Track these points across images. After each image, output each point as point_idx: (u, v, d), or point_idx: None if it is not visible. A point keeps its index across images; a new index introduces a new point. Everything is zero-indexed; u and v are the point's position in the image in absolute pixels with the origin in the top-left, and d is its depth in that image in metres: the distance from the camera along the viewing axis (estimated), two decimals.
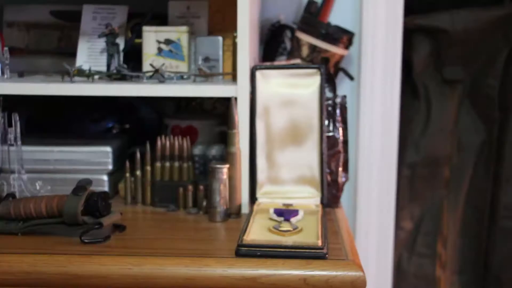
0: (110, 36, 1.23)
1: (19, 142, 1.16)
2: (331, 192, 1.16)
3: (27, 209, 0.98)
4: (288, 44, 1.52)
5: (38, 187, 1.16)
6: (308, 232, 0.97)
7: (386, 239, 1.63)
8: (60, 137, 1.28)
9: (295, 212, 1.04)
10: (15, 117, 1.15)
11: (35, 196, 1.03)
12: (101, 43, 1.25)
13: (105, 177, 1.21)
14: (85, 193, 0.97)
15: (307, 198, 1.13)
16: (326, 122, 1.16)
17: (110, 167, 1.21)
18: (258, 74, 1.14)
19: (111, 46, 1.23)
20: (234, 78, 1.18)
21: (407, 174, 1.92)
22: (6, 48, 1.21)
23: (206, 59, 1.24)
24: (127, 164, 1.19)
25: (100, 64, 1.27)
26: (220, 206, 1.08)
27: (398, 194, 1.81)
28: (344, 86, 1.57)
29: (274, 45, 1.52)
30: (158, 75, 1.16)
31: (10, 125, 1.15)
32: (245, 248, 0.90)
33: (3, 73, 1.21)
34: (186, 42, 1.21)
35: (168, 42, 1.21)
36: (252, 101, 1.13)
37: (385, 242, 1.63)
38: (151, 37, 1.21)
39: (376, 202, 1.61)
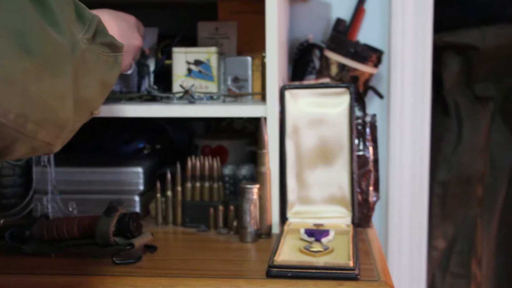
0: (140, 57, 1.24)
1: (52, 164, 1.18)
2: (362, 212, 1.15)
3: (60, 230, 0.99)
4: (317, 63, 1.53)
5: (71, 208, 1.17)
6: (339, 253, 0.96)
7: (419, 259, 1.61)
8: (92, 158, 1.29)
9: (326, 232, 1.03)
10: None
11: (68, 217, 1.04)
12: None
13: (136, 198, 1.22)
14: (117, 214, 0.97)
15: (338, 218, 1.12)
16: (356, 141, 1.15)
17: (141, 187, 1.22)
18: (287, 93, 1.14)
19: (141, 67, 1.25)
20: (263, 98, 1.18)
21: (439, 193, 1.90)
22: None
23: (236, 79, 1.25)
24: (158, 184, 1.20)
25: (131, 85, 1.28)
26: (251, 227, 1.08)
27: (431, 213, 1.79)
28: (373, 105, 1.57)
29: (303, 64, 1.53)
30: (188, 96, 1.17)
31: None
32: (276, 269, 0.89)
33: None
34: (215, 63, 1.22)
35: (197, 63, 1.22)
36: (282, 120, 1.13)
37: (418, 261, 1.61)
38: (181, 58, 1.23)
39: (408, 221, 1.59)
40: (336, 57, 1.42)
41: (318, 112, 1.14)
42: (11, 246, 1.01)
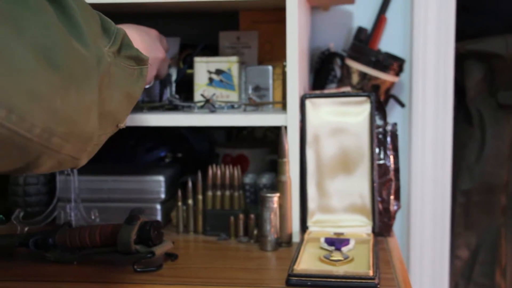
0: None
1: (75, 172, 1.19)
2: (382, 221, 1.15)
3: (83, 238, 1.00)
4: (338, 72, 1.53)
5: (93, 216, 1.18)
6: (359, 262, 0.96)
7: (441, 268, 1.59)
8: (115, 167, 1.31)
9: (346, 241, 1.03)
10: None
11: (90, 225, 1.05)
12: None
13: (157, 206, 1.23)
14: (138, 222, 0.98)
15: (359, 226, 1.12)
16: (377, 150, 1.15)
17: (163, 196, 1.23)
18: (308, 102, 1.14)
19: None
20: (284, 107, 1.18)
21: (462, 202, 1.88)
22: None
23: (256, 88, 1.25)
24: (179, 193, 1.21)
25: (152, 94, 1.30)
26: (271, 235, 1.08)
27: (453, 222, 1.77)
28: (395, 113, 1.56)
29: (324, 73, 1.53)
30: (209, 105, 1.18)
31: None
32: (296, 278, 0.90)
33: None
34: (236, 72, 1.23)
35: (219, 72, 1.23)
36: (302, 129, 1.14)
37: (441, 271, 1.59)
38: (202, 67, 1.24)
39: (430, 230, 1.58)
40: (357, 65, 1.42)
41: (339, 121, 1.14)
42: (35, 253, 1.03)
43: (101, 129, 0.68)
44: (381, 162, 1.15)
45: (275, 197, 1.08)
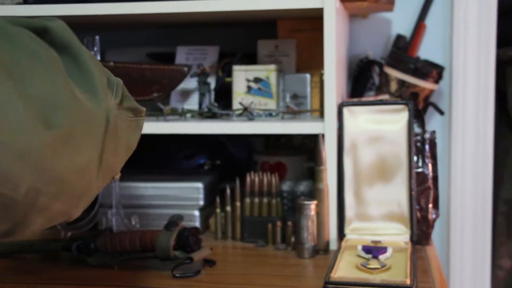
0: (201, 75, 1.27)
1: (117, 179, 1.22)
2: (421, 229, 1.14)
3: (123, 243, 1.02)
4: (376, 80, 1.52)
5: (133, 222, 1.21)
6: (396, 270, 0.95)
7: (482, 278, 1.57)
8: (155, 174, 1.33)
9: (383, 249, 1.03)
10: None
11: (130, 231, 1.08)
12: (193, 82, 1.30)
13: (196, 213, 1.25)
14: (177, 229, 1.00)
15: (396, 235, 1.12)
16: (415, 158, 1.15)
17: (202, 202, 1.25)
18: (346, 110, 1.15)
19: (202, 85, 1.28)
20: (321, 114, 1.19)
21: (504, 210, 1.84)
22: None
23: (294, 96, 1.26)
24: (218, 199, 1.23)
25: (192, 103, 1.32)
26: (308, 243, 1.08)
27: (495, 231, 1.74)
28: (434, 121, 1.55)
29: (363, 81, 1.53)
30: (247, 113, 1.19)
31: None
32: (332, 286, 0.90)
33: None
34: (274, 80, 1.24)
35: (257, 80, 1.25)
36: (340, 137, 1.14)
37: (481, 281, 1.57)
38: (241, 75, 1.25)
39: (471, 240, 1.56)
40: (395, 73, 1.42)
41: (377, 129, 1.14)
42: (77, 257, 1.06)
43: (100, 182, 0.66)
44: (419, 170, 1.15)
45: (312, 205, 1.09)
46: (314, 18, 1.22)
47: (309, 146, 1.46)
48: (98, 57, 1.18)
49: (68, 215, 0.63)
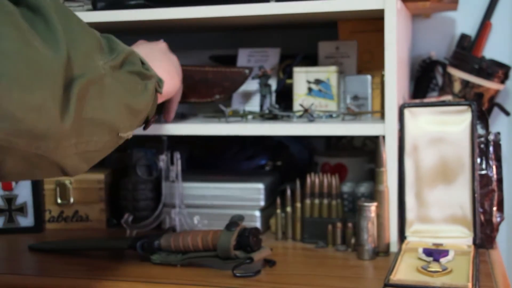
0: (263, 77, 1.28)
1: (180, 179, 1.25)
2: (485, 232, 1.12)
3: (186, 242, 1.05)
4: (439, 80, 1.50)
5: (195, 222, 1.23)
6: (458, 274, 0.94)
7: None
8: (217, 174, 1.35)
9: (445, 252, 1.02)
10: (177, 156, 1.24)
11: (193, 230, 1.10)
12: (255, 84, 1.32)
13: (257, 213, 1.26)
14: (238, 229, 1.02)
15: (459, 238, 1.10)
16: (479, 160, 1.13)
17: (262, 203, 1.26)
18: (407, 112, 1.14)
19: (263, 87, 1.29)
20: (382, 116, 1.18)
21: None
22: None
23: (355, 98, 1.26)
24: (278, 200, 1.24)
25: (253, 104, 1.33)
26: (368, 244, 1.08)
27: None
28: (499, 122, 1.51)
29: (425, 81, 1.51)
30: (307, 114, 1.19)
31: (172, 163, 1.25)
32: None
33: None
34: (335, 82, 1.24)
35: (318, 82, 1.25)
36: (401, 139, 1.13)
37: None
38: (302, 77, 1.26)
39: None
40: (459, 73, 1.39)
41: (438, 130, 1.13)
42: (141, 255, 1.09)
43: (90, 136, 0.73)
44: (483, 172, 1.13)
45: (372, 206, 1.09)
46: (375, 19, 1.22)
47: (370, 147, 1.45)
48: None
49: (54, 162, 0.69)
